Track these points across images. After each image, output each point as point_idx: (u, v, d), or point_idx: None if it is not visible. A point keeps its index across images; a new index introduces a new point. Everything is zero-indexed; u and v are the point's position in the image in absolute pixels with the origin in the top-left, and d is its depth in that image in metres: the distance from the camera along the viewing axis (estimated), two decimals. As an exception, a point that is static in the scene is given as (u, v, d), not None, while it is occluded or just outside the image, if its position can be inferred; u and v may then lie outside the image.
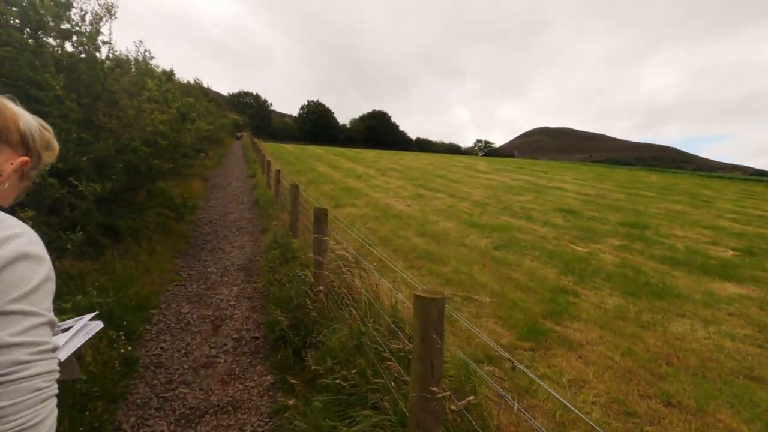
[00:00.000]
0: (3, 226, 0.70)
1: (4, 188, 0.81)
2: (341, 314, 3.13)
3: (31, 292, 0.68)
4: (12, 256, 0.67)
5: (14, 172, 0.82)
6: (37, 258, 0.71)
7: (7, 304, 0.65)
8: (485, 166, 28.15)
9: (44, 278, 0.72)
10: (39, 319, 0.69)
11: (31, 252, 0.71)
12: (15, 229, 0.71)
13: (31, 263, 0.70)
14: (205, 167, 15.69)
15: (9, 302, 0.65)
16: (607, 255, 7.60)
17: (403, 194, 14.11)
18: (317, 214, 3.45)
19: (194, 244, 6.55)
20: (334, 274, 3.63)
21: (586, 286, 5.73)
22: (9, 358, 0.63)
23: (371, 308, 2.82)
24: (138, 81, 6.54)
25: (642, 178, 28.25)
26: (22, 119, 0.85)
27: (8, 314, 0.65)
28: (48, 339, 0.71)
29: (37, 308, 0.69)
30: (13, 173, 0.82)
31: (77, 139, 4.63)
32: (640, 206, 14.89)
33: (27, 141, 0.85)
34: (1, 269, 0.66)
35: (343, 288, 3.27)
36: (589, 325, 4.42)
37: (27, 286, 0.68)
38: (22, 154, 0.84)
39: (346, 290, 3.24)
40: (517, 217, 11.16)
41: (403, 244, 7.57)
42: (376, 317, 3.04)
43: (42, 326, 0.69)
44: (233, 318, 4.06)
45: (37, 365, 0.67)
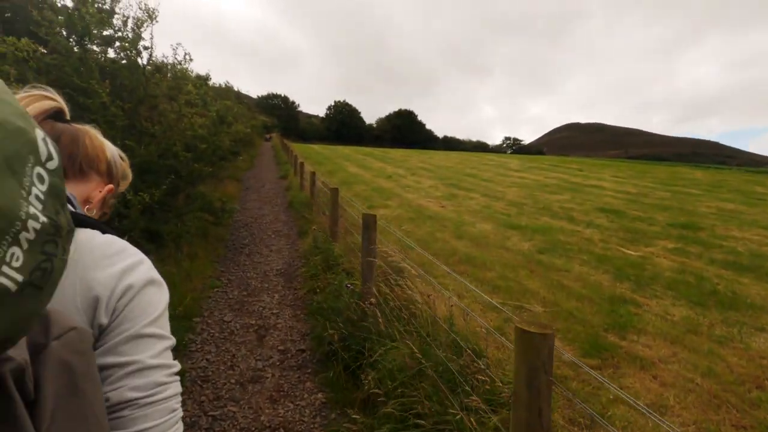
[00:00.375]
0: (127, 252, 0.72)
1: (91, 215, 0.83)
2: (395, 328, 2.93)
3: (160, 316, 0.71)
4: (143, 282, 0.70)
5: (102, 199, 0.86)
6: (160, 283, 0.74)
7: (144, 327, 0.67)
8: (517, 165, 27.40)
9: (167, 303, 0.75)
10: (168, 342, 0.71)
11: (155, 277, 0.73)
12: (138, 255, 0.73)
13: (156, 288, 0.72)
14: (239, 169, 15.89)
15: (145, 326, 0.68)
16: (662, 259, 7.08)
17: (435, 194, 13.81)
18: (366, 221, 3.26)
19: (232, 247, 6.51)
20: (384, 283, 3.43)
21: (646, 295, 5.31)
22: (150, 380, 0.65)
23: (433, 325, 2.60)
24: (176, 85, 6.56)
25: (685, 175, 26.79)
26: (108, 149, 0.89)
27: (146, 337, 0.67)
28: (175, 361, 0.72)
29: (165, 332, 0.71)
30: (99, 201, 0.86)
31: (121, 146, 4.62)
32: (688, 205, 14.04)
33: (112, 170, 0.89)
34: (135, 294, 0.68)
35: (396, 300, 3.06)
36: (657, 339, 4.04)
37: (157, 310, 0.71)
38: (107, 182, 0.88)
39: (400, 302, 3.02)
40: (557, 217, 10.67)
41: (443, 247, 7.30)
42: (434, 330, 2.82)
43: (170, 349, 0.72)
44: (277, 327, 3.93)
45: (171, 386, 0.68)
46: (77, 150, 0.82)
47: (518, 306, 4.74)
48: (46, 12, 4.13)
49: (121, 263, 0.69)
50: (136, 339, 0.66)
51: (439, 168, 22.94)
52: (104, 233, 0.73)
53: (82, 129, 0.85)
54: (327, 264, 4.67)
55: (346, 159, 26.36)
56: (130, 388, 0.63)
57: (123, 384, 0.63)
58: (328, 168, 20.07)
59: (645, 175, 24.84)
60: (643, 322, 4.42)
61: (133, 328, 0.66)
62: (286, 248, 6.60)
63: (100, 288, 0.65)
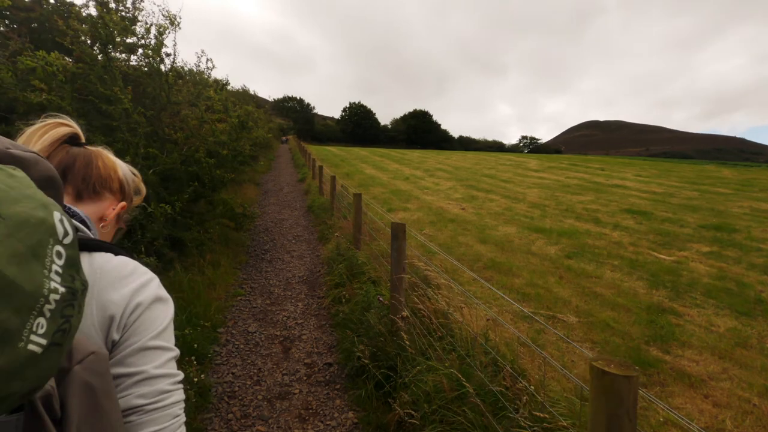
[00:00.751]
0: (138, 272, 0.78)
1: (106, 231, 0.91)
2: (429, 344, 2.78)
3: (164, 329, 0.76)
4: (150, 299, 0.76)
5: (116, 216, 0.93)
6: (166, 299, 0.80)
7: (149, 340, 0.73)
8: (536, 164, 26.90)
9: (172, 317, 0.80)
10: (172, 353, 0.77)
11: (162, 295, 0.79)
12: (148, 275, 0.79)
13: (162, 304, 0.78)
14: (257, 172, 15.96)
15: (150, 339, 0.73)
16: (698, 264, 6.75)
17: (455, 196, 13.60)
18: (395, 231, 3.12)
19: (253, 254, 6.46)
20: (413, 293, 3.28)
21: (685, 303, 5.03)
22: (155, 388, 0.71)
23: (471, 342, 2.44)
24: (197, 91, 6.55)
25: (712, 173, 25.87)
26: (120, 168, 0.95)
27: (151, 349, 0.73)
28: (179, 371, 0.77)
29: (170, 344, 0.77)
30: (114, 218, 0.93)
31: (144, 153, 4.60)
32: (718, 205, 13.50)
33: (124, 188, 0.95)
34: (143, 311, 0.74)
35: (427, 312, 2.92)
36: (704, 354, 3.79)
37: (162, 324, 0.76)
38: (120, 199, 0.94)
39: (432, 315, 2.88)
40: (582, 219, 10.35)
41: (466, 252, 7.12)
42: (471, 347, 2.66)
43: (174, 359, 0.77)
44: (302, 339, 3.82)
45: (175, 394, 0.74)
46: (91, 172, 0.88)
47: (550, 316, 4.53)
48: (72, 21, 4.13)
49: (132, 283, 0.75)
50: (143, 351, 0.72)
51: (456, 169, 22.67)
52: (117, 254, 0.79)
53: (95, 151, 0.92)
54: (351, 272, 4.55)
55: (363, 161, 26.30)
56: (137, 395, 0.69)
57: (130, 392, 0.69)
58: (344, 170, 20.03)
59: (670, 174, 24.10)
60: (687, 334, 4.16)
61: (140, 341, 0.72)
62: (308, 254, 6.52)
63: (114, 308, 0.72)
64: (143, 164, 4.63)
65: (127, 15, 5.45)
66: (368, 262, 4.72)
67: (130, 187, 0.97)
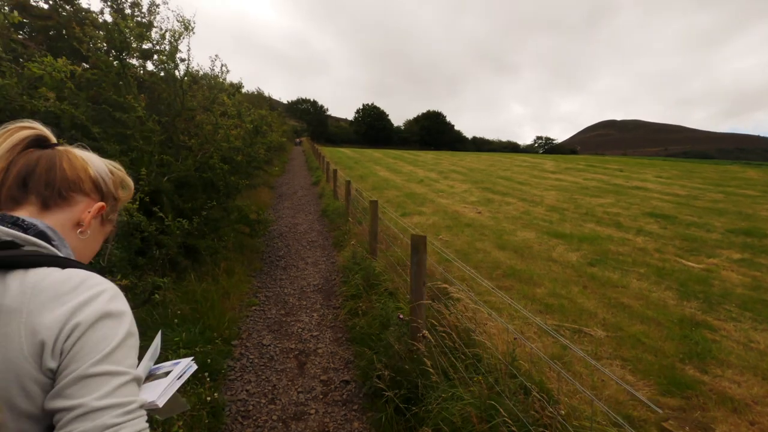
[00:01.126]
0: (84, 286, 0.69)
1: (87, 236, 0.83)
2: (448, 363, 2.63)
3: (113, 351, 0.67)
4: (93, 318, 0.67)
5: (93, 219, 0.84)
6: (118, 314, 0.70)
7: (90, 367, 0.64)
8: (552, 166, 26.42)
9: (126, 335, 0.70)
10: (123, 378, 0.67)
11: (113, 310, 0.70)
12: (96, 288, 0.70)
13: (111, 321, 0.69)
14: (271, 175, 15.97)
15: (92, 365, 0.64)
16: (730, 273, 6.43)
17: (470, 199, 13.37)
18: (415, 243, 2.97)
19: (268, 261, 6.38)
20: (433, 305, 3.13)
21: (720, 317, 4.76)
22: (98, 422, 0.62)
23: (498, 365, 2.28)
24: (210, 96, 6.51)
25: (737, 174, 25.04)
26: (91, 166, 0.85)
27: (93, 377, 0.64)
28: (134, 397, 0.68)
29: (120, 367, 0.67)
30: (93, 220, 0.85)
31: (159, 161, 4.55)
32: (746, 208, 13.00)
33: (99, 186, 0.86)
34: (83, 333, 0.65)
35: (449, 330, 2.76)
36: (745, 374, 3.54)
37: (109, 345, 0.67)
38: (98, 200, 0.86)
39: (455, 334, 2.72)
40: (603, 224, 10.04)
41: (484, 259, 6.92)
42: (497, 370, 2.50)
43: (127, 385, 0.67)
44: (318, 353, 3.70)
45: (126, 426, 0.64)
46: (54, 175, 0.79)
47: (576, 330, 4.32)
48: (88, 28, 4.09)
49: (71, 302, 0.67)
50: (83, 380, 0.64)
51: (471, 171, 22.39)
52: (66, 267, 0.70)
53: (61, 151, 0.83)
54: (368, 283, 4.41)
55: (376, 163, 26.20)
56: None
57: (70, 429, 0.61)
58: (358, 173, 19.94)
59: (692, 175, 23.41)
60: (724, 351, 3.91)
61: (79, 369, 0.64)
62: (323, 261, 6.41)
63: (45, 332, 0.64)
64: (158, 171, 4.58)
65: (142, 21, 5.43)
66: (385, 272, 4.58)
67: (109, 185, 0.88)
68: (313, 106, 78.27)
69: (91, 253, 0.88)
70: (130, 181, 0.96)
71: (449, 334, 2.67)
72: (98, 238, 0.89)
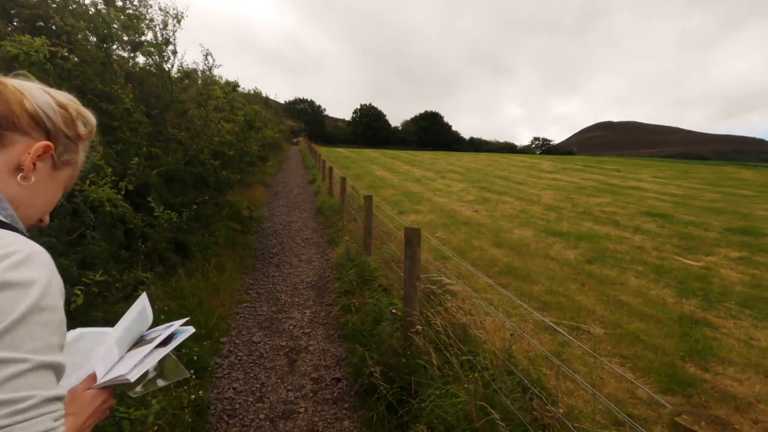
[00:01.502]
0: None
1: (32, 183, 0.69)
2: (443, 359, 2.53)
3: (6, 330, 0.52)
4: None
5: (39, 161, 0.70)
6: (21, 284, 0.55)
7: None
8: (549, 166, 26.42)
9: (29, 309, 0.54)
10: (18, 366, 0.52)
11: (14, 279, 0.54)
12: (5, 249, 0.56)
13: (11, 292, 0.53)
14: (267, 173, 15.84)
15: None
16: (728, 271, 6.37)
17: (467, 198, 13.29)
18: (409, 236, 2.87)
19: (260, 257, 6.26)
20: (428, 302, 3.03)
21: (720, 314, 4.69)
22: None
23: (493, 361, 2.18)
24: (204, 91, 6.40)
25: (732, 174, 25.14)
26: (29, 98, 0.70)
27: None
28: (33, 391, 0.53)
29: (15, 353, 0.52)
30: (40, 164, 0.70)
31: (147, 153, 4.43)
32: (742, 208, 12.99)
33: (42, 123, 0.71)
34: None
35: (444, 325, 2.66)
36: (747, 371, 3.46)
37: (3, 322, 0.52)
38: (41, 139, 0.71)
39: (450, 329, 2.62)
40: (601, 222, 9.97)
41: (481, 256, 6.83)
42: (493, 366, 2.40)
43: (26, 375, 0.52)
44: (309, 350, 3.59)
45: (15, 429, 0.50)
46: None
47: (574, 327, 4.23)
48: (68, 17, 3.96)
49: None
50: None
51: (468, 170, 22.33)
52: None
53: None
54: (362, 279, 4.31)
55: (373, 162, 26.10)
56: None
57: None
58: (355, 172, 19.84)
59: (688, 175, 23.47)
60: (725, 349, 3.83)
61: None
62: (317, 257, 6.30)
63: None
64: (146, 165, 4.46)
65: (134, 12, 5.31)
66: (379, 268, 4.47)
67: (57, 120, 0.72)
68: (310, 106, 78.11)
69: (44, 204, 0.74)
70: (89, 115, 0.80)
71: (444, 328, 2.57)
72: (51, 185, 0.74)
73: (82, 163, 0.81)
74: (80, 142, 0.78)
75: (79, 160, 0.80)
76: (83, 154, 0.81)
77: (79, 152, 0.79)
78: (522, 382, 2.29)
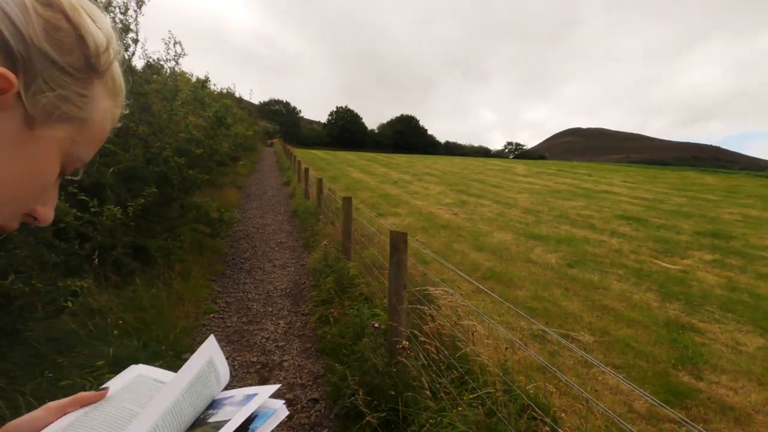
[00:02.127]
0: None
1: None
2: (432, 376, 2.27)
3: None
4: None
5: None
6: None
7: None
8: (524, 170, 26.79)
9: None
10: None
11: None
12: None
13: None
14: (240, 175, 15.27)
15: None
16: (705, 274, 6.41)
17: (445, 201, 13.16)
18: (395, 241, 2.61)
19: (231, 263, 5.86)
20: (416, 315, 2.77)
21: (704, 318, 4.64)
22: None
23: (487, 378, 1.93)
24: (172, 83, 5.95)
25: (695, 180, 26.14)
26: None
27: None
28: None
29: None
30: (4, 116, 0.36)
31: (102, 149, 3.99)
32: (709, 212, 13.42)
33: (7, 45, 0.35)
34: None
35: (437, 341, 2.40)
36: (740, 379, 3.37)
37: None
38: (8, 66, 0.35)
39: (442, 345, 2.36)
40: (578, 226, 10.01)
41: (462, 260, 6.64)
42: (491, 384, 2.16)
43: None
44: (283, 366, 3.26)
45: None
46: None
47: (563, 334, 4.07)
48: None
49: None
50: None
51: (445, 173, 22.32)
52: None
53: None
54: (341, 286, 4.01)
55: (350, 164, 25.76)
56: None
57: None
58: (331, 174, 19.45)
59: (656, 180, 24.24)
60: (715, 355, 3.75)
61: None
62: (292, 263, 5.95)
63: None
64: (100, 162, 4.02)
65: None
66: (360, 274, 4.18)
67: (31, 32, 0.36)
68: (285, 108, 76.99)
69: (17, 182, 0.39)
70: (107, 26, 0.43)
71: (434, 344, 2.31)
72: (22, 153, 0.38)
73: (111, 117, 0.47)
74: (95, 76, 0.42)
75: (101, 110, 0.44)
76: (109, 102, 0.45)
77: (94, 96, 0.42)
78: (524, 403, 2.06)
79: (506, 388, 2.19)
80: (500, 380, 2.07)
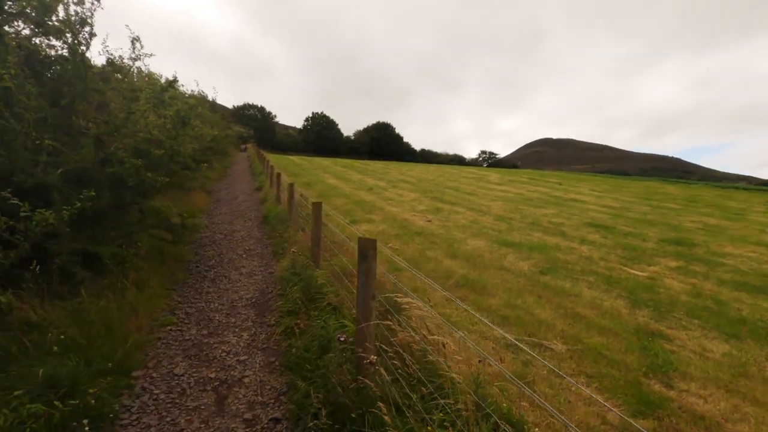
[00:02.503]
0: None
1: None
2: (402, 393, 2.12)
3: None
4: None
5: None
6: None
7: None
8: (497, 178, 27.23)
9: None
10: None
11: None
12: None
13: None
14: (209, 179, 14.77)
15: None
16: (671, 280, 6.56)
17: (419, 208, 13.12)
18: (363, 248, 2.46)
19: (194, 271, 5.55)
20: (385, 326, 2.62)
21: (672, 325, 4.69)
22: None
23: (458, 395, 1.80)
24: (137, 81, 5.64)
25: (658, 189, 27.22)
26: None
27: None
28: None
29: None
30: None
31: (49, 148, 3.68)
32: (672, 220, 13.92)
33: None
34: None
35: (407, 355, 2.25)
36: (708, 386, 3.37)
37: None
38: None
39: (412, 358, 2.22)
40: (550, 233, 10.14)
41: (436, 267, 6.55)
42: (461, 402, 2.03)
43: None
44: (243, 383, 3.04)
45: None
46: None
47: (536, 343, 4.01)
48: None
49: None
50: None
51: (420, 181, 22.37)
52: None
53: None
54: (308, 296, 3.81)
55: (325, 171, 25.48)
56: None
57: None
58: (305, 179, 19.14)
59: (621, 189, 25.07)
60: (684, 362, 3.76)
61: None
62: (260, 271, 5.69)
63: None
64: (47, 161, 3.71)
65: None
66: (329, 283, 4.00)
67: None
68: (260, 112, 75.80)
69: None
70: None
71: (403, 359, 2.17)
72: None
73: None
74: None
75: None
76: None
77: None
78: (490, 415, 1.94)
79: (478, 405, 2.07)
80: (471, 399, 1.94)
